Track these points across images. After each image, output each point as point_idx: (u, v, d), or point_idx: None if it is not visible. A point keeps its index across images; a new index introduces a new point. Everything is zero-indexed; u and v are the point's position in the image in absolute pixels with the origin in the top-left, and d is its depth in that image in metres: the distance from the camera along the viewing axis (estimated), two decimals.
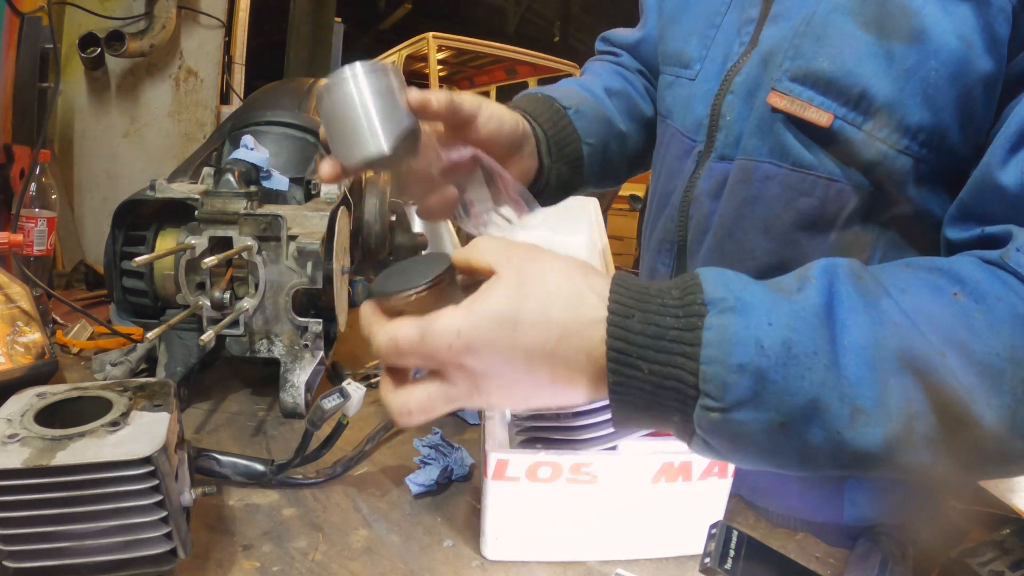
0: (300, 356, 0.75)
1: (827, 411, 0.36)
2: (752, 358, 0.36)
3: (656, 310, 0.37)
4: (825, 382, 0.36)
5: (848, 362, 0.37)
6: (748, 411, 0.36)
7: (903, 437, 0.37)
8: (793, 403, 0.36)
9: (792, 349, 0.36)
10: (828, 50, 0.51)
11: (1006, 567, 0.56)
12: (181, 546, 0.45)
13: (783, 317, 0.37)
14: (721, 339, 0.36)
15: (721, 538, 0.50)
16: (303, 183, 0.88)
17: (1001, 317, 0.38)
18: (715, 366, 0.36)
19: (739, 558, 0.49)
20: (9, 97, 1.30)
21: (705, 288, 0.38)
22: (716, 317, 0.37)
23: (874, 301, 0.38)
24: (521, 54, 5.56)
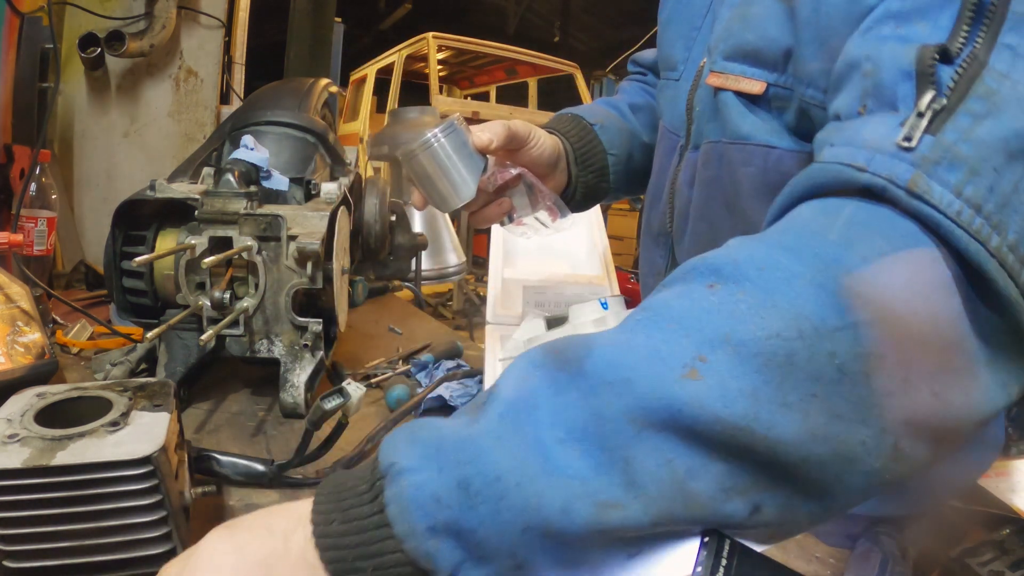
0: (300, 356, 0.75)
1: (557, 530, 0.30)
2: (436, 517, 0.30)
3: (352, 503, 0.33)
4: (530, 502, 0.30)
5: (560, 449, 0.30)
6: (474, 569, 0.31)
7: (678, 501, 0.30)
8: (511, 541, 0.30)
9: (470, 487, 0.30)
10: (751, 24, 0.54)
11: (1006, 567, 0.56)
12: (181, 546, 0.45)
13: (450, 455, 0.31)
14: (401, 510, 0.31)
15: (713, 548, 0.49)
16: (303, 183, 0.88)
17: (774, 288, 0.31)
18: (411, 540, 0.31)
19: (731, 568, 0.49)
20: (9, 97, 1.30)
21: (380, 459, 0.33)
22: (391, 488, 0.32)
23: (577, 369, 0.31)
24: (521, 54, 5.56)
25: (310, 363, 0.75)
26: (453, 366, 0.91)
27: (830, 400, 0.29)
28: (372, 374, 0.91)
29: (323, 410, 0.56)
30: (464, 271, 2.27)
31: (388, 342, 1.11)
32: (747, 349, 0.29)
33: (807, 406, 0.29)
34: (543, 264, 0.99)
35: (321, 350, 0.75)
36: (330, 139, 0.94)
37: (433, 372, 0.90)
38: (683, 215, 0.66)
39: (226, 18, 1.82)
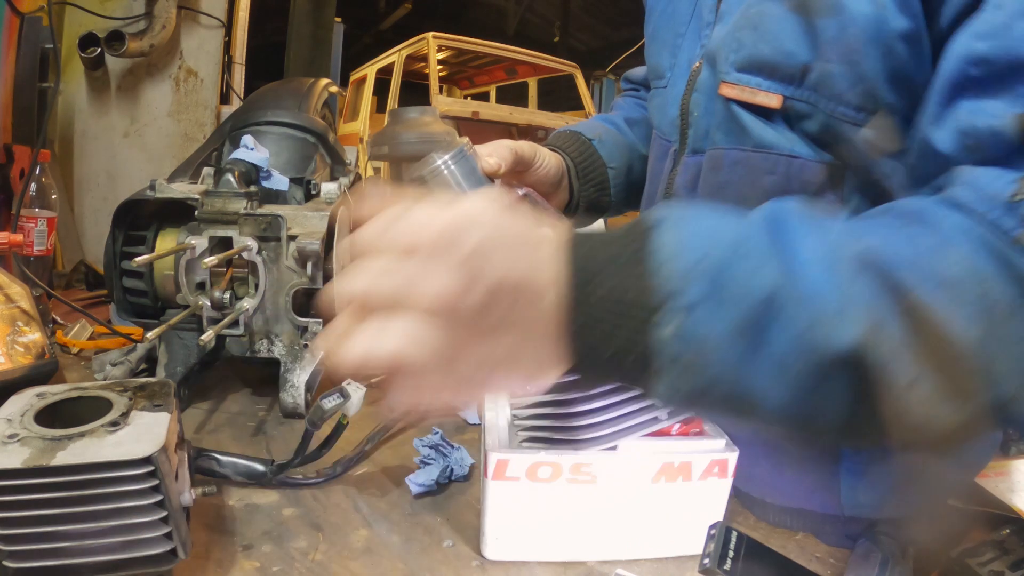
0: (300, 356, 0.75)
1: (784, 312, 0.35)
2: (703, 257, 0.35)
3: (604, 239, 0.37)
4: (778, 283, 0.35)
5: (802, 266, 0.35)
6: (705, 310, 0.35)
7: (873, 342, 0.34)
8: (749, 301, 0.35)
9: (741, 248, 0.36)
10: (766, 36, 0.55)
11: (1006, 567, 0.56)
12: (181, 546, 0.45)
13: (730, 225, 0.37)
14: (670, 245, 0.36)
15: (720, 538, 0.50)
16: (303, 183, 0.88)
17: (949, 239, 0.37)
18: (668, 265, 0.35)
19: (738, 559, 0.49)
20: (9, 97, 1.30)
21: (650, 216, 0.38)
22: (662, 232, 0.36)
23: (822, 222, 0.38)
24: (521, 54, 5.56)
25: (310, 363, 0.75)
26: None
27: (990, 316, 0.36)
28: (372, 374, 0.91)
29: (323, 410, 0.56)
30: None
31: None
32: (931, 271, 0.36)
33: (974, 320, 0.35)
34: None
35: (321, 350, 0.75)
36: (330, 139, 0.94)
37: None
38: None
39: (226, 18, 1.82)
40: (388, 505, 0.61)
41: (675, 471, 0.54)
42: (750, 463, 0.63)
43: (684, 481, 0.54)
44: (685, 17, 0.69)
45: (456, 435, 0.77)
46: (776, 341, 0.35)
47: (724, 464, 0.54)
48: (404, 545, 0.56)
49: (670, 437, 0.56)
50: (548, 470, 0.52)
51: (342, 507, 0.60)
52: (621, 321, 0.35)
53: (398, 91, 5.23)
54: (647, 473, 0.53)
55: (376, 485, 0.65)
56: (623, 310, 0.35)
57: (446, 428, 0.75)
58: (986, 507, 0.67)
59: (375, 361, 0.34)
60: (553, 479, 0.52)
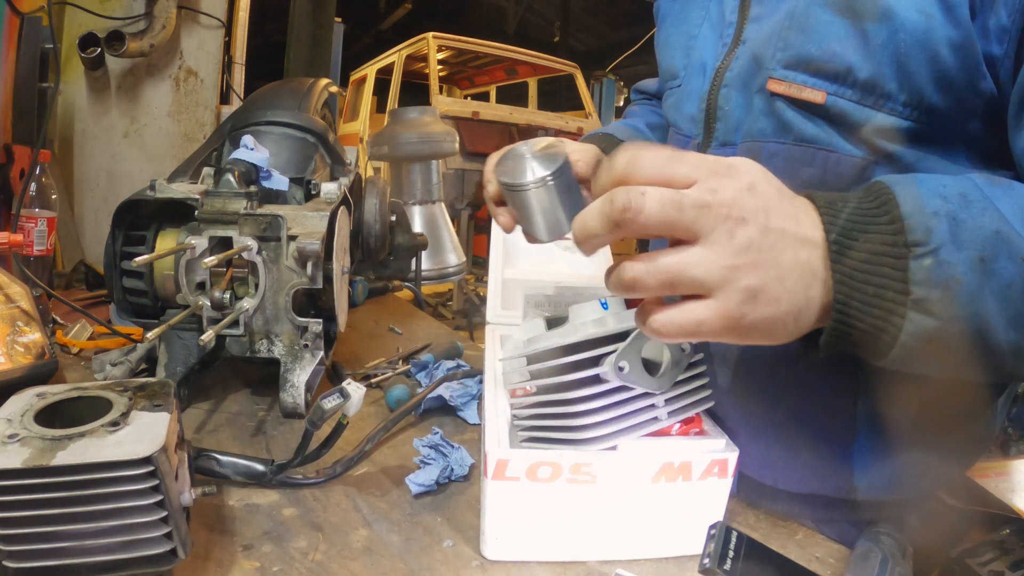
0: (300, 356, 0.75)
1: (1010, 241, 0.42)
2: (941, 205, 0.42)
3: (846, 199, 0.44)
4: (998, 222, 0.42)
5: (1010, 217, 0.43)
6: (952, 250, 0.41)
7: None
8: (982, 235, 0.42)
9: (967, 197, 0.43)
10: (813, 38, 0.58)
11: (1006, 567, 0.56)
12: (181, 546, 0.45)
13: (950, 181, 0.44)
14: (912, 197, 0.43)
15: (720, 538, 0.50)
16: (303, 183, 0.88)
17: None
18: (915, 217, 0.42)
19: (738, 558, 0.49)
20: (9, 97, 1.30)
21: (884, 180, 0.45)
22: (901, 187, 0.43)
23: (1008, 185, 0.45)
24: (521, 54, 5.56)
25: (310, 363, 0.75)
26: (453, 366, 0.92)
27: None
28: (372, 374, 0.91)
29: (323, 410, 0.56)
30: (464, 271, 2.27)
31: (388, 342, 1.12)
32: None
33: None
34: (543, 264, 0.98)
35: (321, 350, 0.75)
36: (330, 139, 0.94)
37: (433, 372, 0.90)
38: None
39: (226, 18, 1.82)
40: (388, 505, 0.61)
41: (675, 471, 0.54)
42: (765, 449, 0.66)
43: (684, 481, 0.54)
44: (697, 20, 0.73)
45: (456, 435, 0.77)
46: (1003, 269, 0.42)
47: (724, 464, 0.54)
48: (404, 545, 0.56)
49: (670, 437, 0.56)
50: (548, 470, 0.52)
51: (342, 507, 0.60)
52: (881, 261, 0.42)
53: (398, 91, 5.23)
54: (647, 473, 0.53)
55: (376, 485, 0.65)
56: (882, 251, 0.42)
57: (446, 428, 0.75)
58: (986, 507, 0.67)
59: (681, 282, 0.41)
60: (553, 479, 0.52)
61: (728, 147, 0.67)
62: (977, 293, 0.42)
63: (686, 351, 0.55)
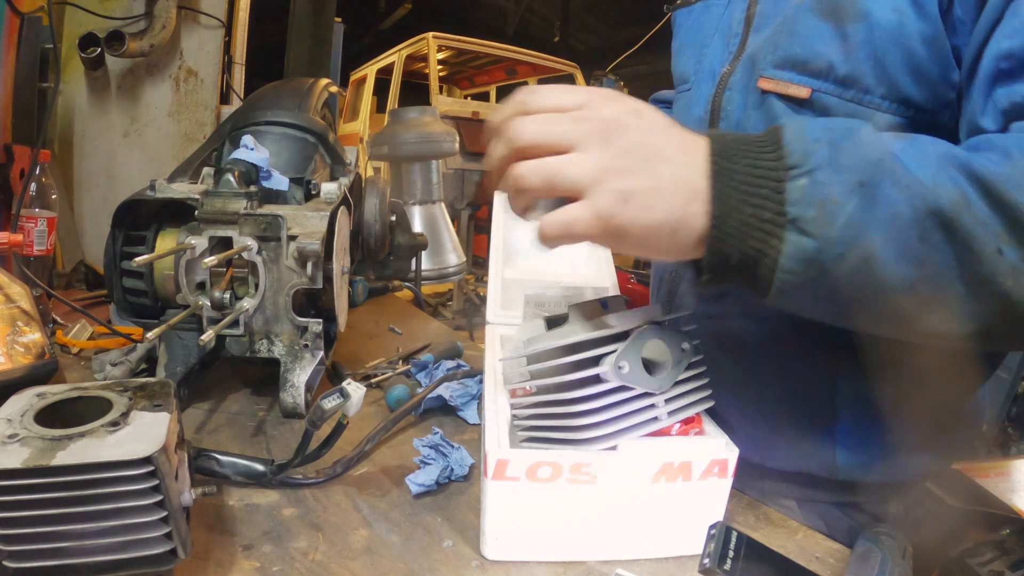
0: (300, 356, 0.75)
1: (893, 173, 0.43)
2: (823, 134, 0.45)
3: (743, 137, 0.47)
4: (882, 152, 0.44)
5: (898, 152, 0.44)
6: (829, 172, 0.43)
7: (962, 211, 0.42)
8: (863, 161, 0.43)
9: (852, 130, 0.45)
10: (799, 40, 0.63)
11: (1006, 567, 0.56)
12: (181, 546, 0.45)
13: (841, 122, 0.47)
14: (798, 127, 0.46)
15: (720, 538, 0.50)
16: (303, 183, 0.88)
17: (1010, 147, 0.45)
18: (796, 143, 0.44)
19: (738, 558, 0.49)
20: (9, 97, 1.30)
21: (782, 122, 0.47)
22: (791, 122, 0.47)
23: (912, 136, 0.47)
24: (521, 54, 5.56)
25: (310, 363, 0.75)
26: (453, 366, 0.92)
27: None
28: (372, 374, 0.91)
29: (323, 410, 0.56)
30: (464, 271, 2.27)
31: (388, 342, 1.12)
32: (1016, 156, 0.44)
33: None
34: (543, 264, 0.99)
35: (321, 350, 0.75)
36: (330, 139, 0.94)
37: (433, 372, 0.90)
38: None
39: (226, 18, 1.81)
40: (388, 505, 0.61)
41: (675, 471, 0.54)
42: (752, 426, 0.69)
43: (684, 481, 0.54)
44: (711, 31, 0.79)
45: (456, 435, 0.77)
46: (887, 196, 0.43)
47: (724, 464, 0.54)
48: (404, 545, 0.56)
49: (670, 437, 0.56)
50: (548, 470, 0.52)
51: (342, 507, 0.60)
52: (760, 183, 0.44)
53: (398, 91, 5.23)
54: (647, 473, 0.53)
55: (376, 485, 0.65)
56: (761, 174, 0.44)
57: (446, 428, 0.75)
58: (986, 507, 0.67)
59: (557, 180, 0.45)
60: (553, 479, 0.52)
61: None
62: (858, 218, 0.43)
63: (686, 351, 0.55)
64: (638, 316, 0.56)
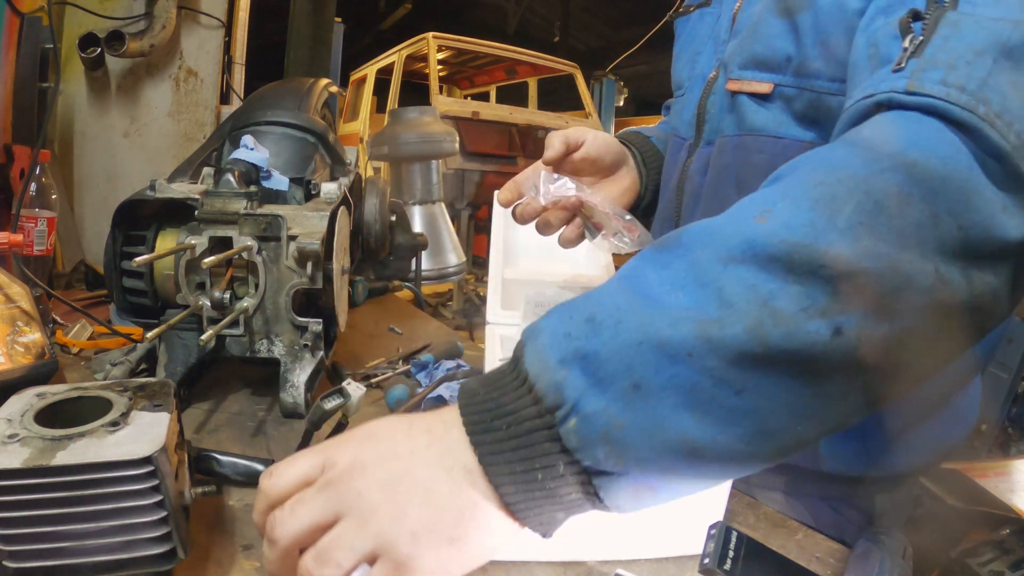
0: (300, 356, 0.75)
1: (666, 345, 0.35)
2: (566, 347, 0.37)
3: (494, 377, 0.40)
4: (644, 322, 0.36)
5: (666, 293, 0.37)
6: (596, 396, 0.36)
7: (772, 321, 0.35)
8: (623, 358, 0.36)
9: (595, 319, 0.37)
10: (760, 39, 0.66)
11: (1006, 567, 0.56)
12: (181, 546, 0.45)
13: (579, 305, 0.39)
14: (536, 353, 0.38)
15: (720, 538, 0.50)
16: (303, 183, 0.88)
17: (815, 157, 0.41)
18: (544, 376, 0.37)
19: (738, 559, 0.49)
20: (9, 97, 1.30)
21: (522, 337, 0.40)
22: (529, 345, 0.39)
23: (675, 242, 0.40)
24: (521, 54, 5.56)
25: (310, 363, 0.75)
26: (453, 366, 0.91)
27: (874, 228, 0.36)
28: (372, 374, 0.91)
29: (323, 410, 0.56)
30: (464, 271, 2.27)
31: (388, 342, 1.11)
32: (800, 196, 0.38)
33: (856, 231, 0.36)
34: (543, 264, 0.99)
35: (321, 350, 0.75)
36: (330, 139, 0.94)
37: (433, 372, 0.90)
38: (694, 197, 0.77)
39: (226, 18, 1.82)
40: None
41: None
42: None
43: None
44: (704, 38, 0.81)
45: None
46: (673, 378, 0.35)
47: None
48: None
49: None
50: None
51: None
52: (531, 449, 0.37)
53: (398, 91, 5.23)
54: None
55: None
56: (525, 433, 0.37)
57: None
58: (986, 507, 0.67)
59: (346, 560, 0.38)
60: None
61: (709, 145, 0.75)
62: (653, 422, 0.36)
63: None
64: None
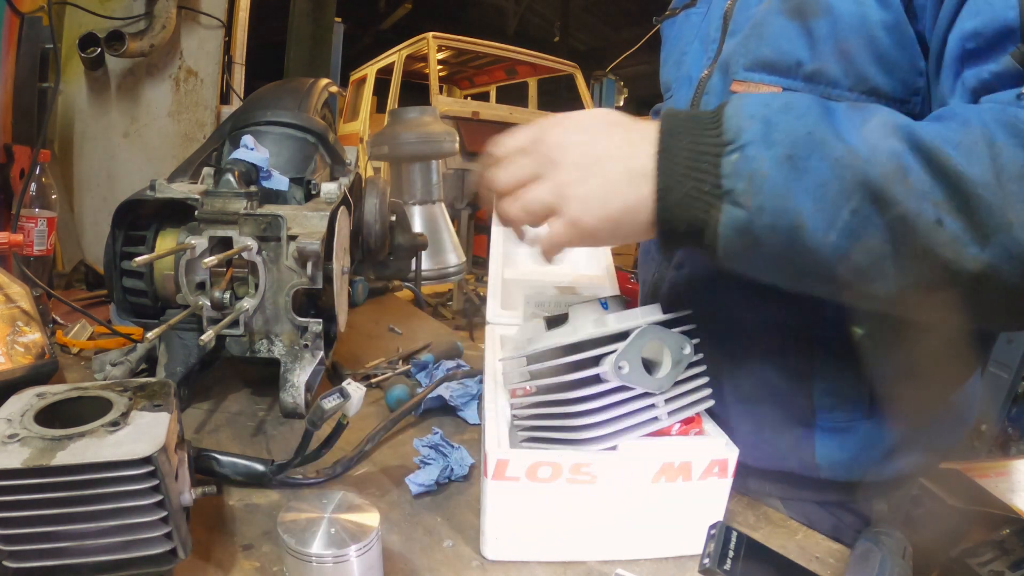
0: (300, 356, 0.75)
1: (824, 145, 0.45)
2: (759, 110, 0.48)
3: (698, 113, 0.51)
4: (818, 124, 0.46)
5: (840, 121, 0.47)
6: (760, 147, 0.46)
7: (899, 181, 0.44)
8: (794, 135, 0.46)
9: (790, 105, 0.48)
10: (767, 41, 0.65)
11: (1006, 567, 0.56)
12: (181, 546, 0.45)
13: (782, 97, 0.50)
14: (736, 105, 0.49)
15: (720, 538, 0.50)
16: (303, 183, 0.88)
17: (968, 116, 0.46)
18: (733, 119, 0.48)
19: (738, 558, 0.49)
20: (9, 97, 1.30)
21: (730, 100, 0.51)
22: (733, 102, 0.50)
23: (865, 106, 0.49)
24: (521, 54, 5.56)
25: (310, 363, 0.75)
26: (453, 366, 0.92)
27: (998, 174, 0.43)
28: (372, 374, 0.91)
29: (323, 410, 0.56)
30: (464, 271, 2.27)
31: (388, 342, 1.11)
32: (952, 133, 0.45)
33: (983, 166, 0.43)
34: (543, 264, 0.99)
35: (321, 350, 0.75)
36: (330, 139, 0.94)
37: (433, 372, 0.90)
38: None
39: (226, 18, 1.82)
40: (388, 505, 0.61)
41: (675, 471, 0.54)
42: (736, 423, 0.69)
43: (684, 481, 0.54)
44: (690, 38, 0.81)
45: (456, 435, 0.77)
46: (816, 168, 0.45)
47: (724, 464, 0.54)
48: (404, 545, 0.56)
49: (670, 437, 0.56)
50: (548, 470, 0.52)
51: None
52: (700, 159, 0.48)
53: (398, 91, 5.23)
54: (647, 473, 0.53)
55: (376, 485, 0.65)
56: (702, 150, 0.48)
57: (446, 428, 0.75)
58: (986, 507, 0.67)
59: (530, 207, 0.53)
60: (553, 479, 0.52)
61: None
62: (785, 188, 0.46)
63: (686, 351, 0.55)
64: (638, 316, 0.56)
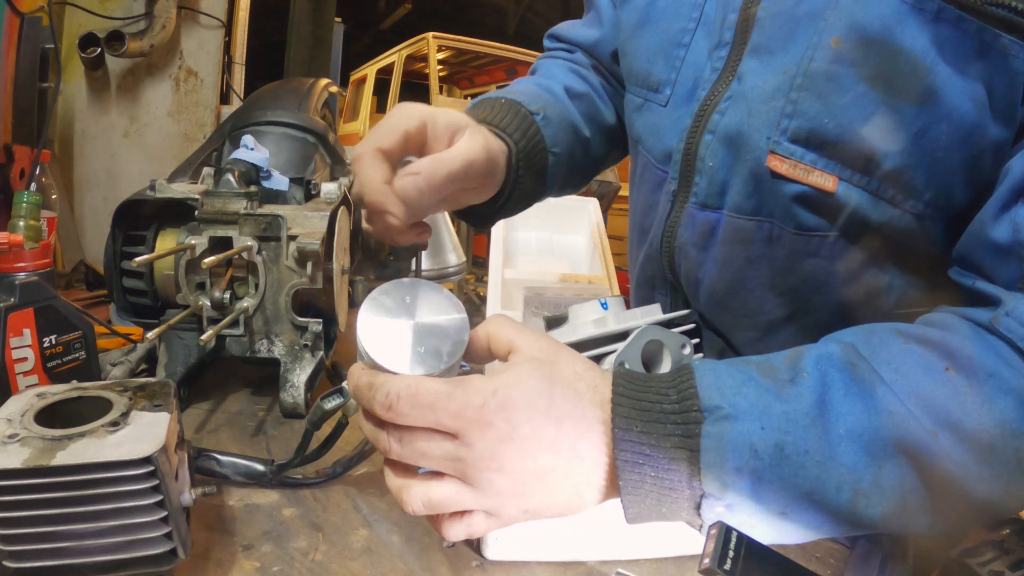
0: (300, 356, 0.75)
1: (824, 500, 0.39)
2: (747, 461, 0.39)
3: (656, 418, 0.40)
4: (819, 476, 0.39)
5: (844, 451, 0.39)
6: (748, 506, 0.40)
7: (899, 510, 0.40)
8: (788, 497, 0.39)
9: (784, 451, 0.39)
10: (831, 108, 0.47)
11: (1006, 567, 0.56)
12: (181, 546, 0.45)
13: (775, 420, 0.39)
14: (718, 447, 0.39)
15: (720, 538, 0.50)
16: (303, 183, 0.88)
17: (991, 393, 0.40)
18: (714, 471, 0.39)
19: (738, 558, 0.49)
20: (9, 97, 1.30)
21: (701, 395, 0.40)
22: (712, 426, 0.39)
23: (869, 390, 0.40)
24: (521, 54, 5.56)
25: (310, 363, 0.75)
26: None
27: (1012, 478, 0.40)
28: None
29: (323, 410, 0.56)
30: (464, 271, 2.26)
31: None
32: (965, 434, 0.39)
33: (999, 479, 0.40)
34: (543, 264, 0.99)
35: (321, 350, 0.75)
36: (330, 139, 0.94)
37: None
38: (693, 278, 0.62)
39: (226, 18, 1.82)
40: (388, 505, 0.61)
41: None
42: None
43: None
44: (684, 23, 0.60)
45: None
46: (811, 520, 0.40)
47: None
48: (404, 545, 0.56)
49: None
50: None
51: (342, 507, 0.60)
52: (669, 502, 0.41)
53: (398, 91, 5.23)
54: None
55: (376, 485, 0.65)
56: (669, 486, 0.40)
57: None
58: None
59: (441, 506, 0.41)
60: None
61: (711, 211, 0.57)
62: (777, 528, 0.41)
63: (686, 351, 0.55)
64: (638, 316, 0.56)
